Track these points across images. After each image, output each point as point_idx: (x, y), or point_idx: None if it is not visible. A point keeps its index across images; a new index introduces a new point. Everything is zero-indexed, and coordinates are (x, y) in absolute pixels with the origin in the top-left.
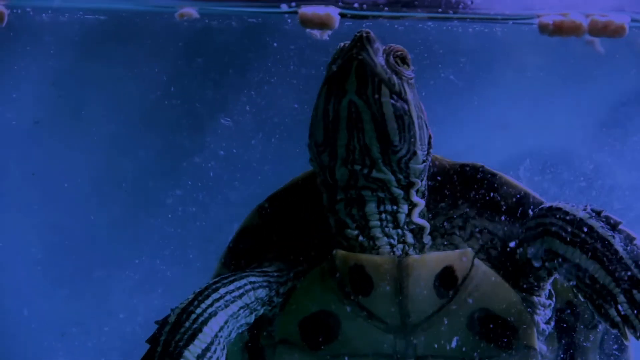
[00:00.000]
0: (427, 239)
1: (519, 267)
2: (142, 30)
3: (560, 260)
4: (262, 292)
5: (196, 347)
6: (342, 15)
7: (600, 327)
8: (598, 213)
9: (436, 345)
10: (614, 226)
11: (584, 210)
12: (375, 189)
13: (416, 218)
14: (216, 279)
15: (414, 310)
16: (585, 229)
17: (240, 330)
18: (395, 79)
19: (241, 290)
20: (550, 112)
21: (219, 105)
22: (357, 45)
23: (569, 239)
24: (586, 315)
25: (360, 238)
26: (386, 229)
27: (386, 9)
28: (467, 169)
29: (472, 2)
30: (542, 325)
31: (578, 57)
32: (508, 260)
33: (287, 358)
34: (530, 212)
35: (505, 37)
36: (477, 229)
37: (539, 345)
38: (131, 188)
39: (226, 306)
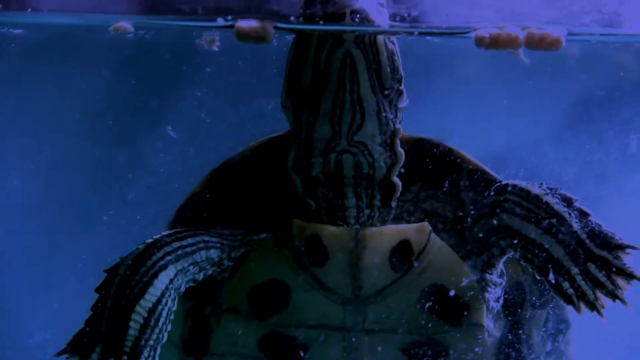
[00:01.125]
0: (394, 203)
1: (472, 245)
2: (76, 44)
3: (514, 236)
4: (214, 253)
5: (147, 301)
6: (278, 29)
7: (546, 307)
8: (554, 190)
9: (385, 319)
10: (569, 202)
11: (540, 187)
12: (356, 153)
13: (394, 176)
14: (169, 232)
15: (367, 282)
16: (541, 205)
17: (188, 285)
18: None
19: (194, 247)
20: (490, 122)
21: (156, 119)
22: None
23: (524, 214)
24: (533, 297)
25: (331, 195)
26: (358, 189)
27: (321, 22)
28: (423, 143)
29: (408, 15)
30: (492, 303)
31: (516, 66)
32: (460, 239)
33: (232, 326)
34: (485, 191)
35: (443, 49)
36: (427, 212)
37: (487, 322)
38: (67, 204)
39: (177, 260)
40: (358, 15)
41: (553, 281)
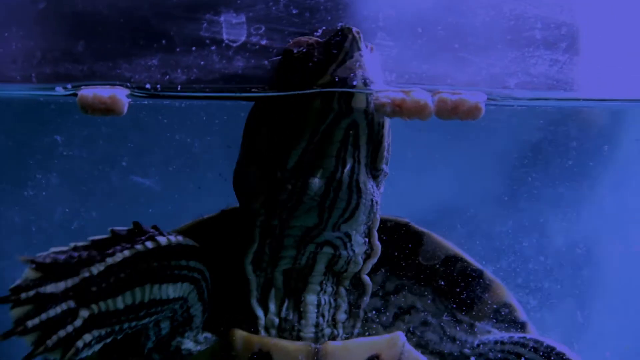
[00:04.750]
0: (361, 312)
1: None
2: None
3: None
4: (166, 325)
5: (156, 290)
6: (135, 96)
7: None
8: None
9: None
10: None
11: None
12: (337, 245)
13: (365, 274)
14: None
15: None
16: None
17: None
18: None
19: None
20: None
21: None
22: (352, 49)
23: None
24: None
25: (285, 309)
26: (322, 296)
27: (179, 87)
28: (388, 224)
29: None
30: None
31: None
32: (444, 340)
33: None
34: (463, 278)
35: None
36: (402, 309)
37: None
38: None
39: (182, 281)
40: (368, 80)
41: None
